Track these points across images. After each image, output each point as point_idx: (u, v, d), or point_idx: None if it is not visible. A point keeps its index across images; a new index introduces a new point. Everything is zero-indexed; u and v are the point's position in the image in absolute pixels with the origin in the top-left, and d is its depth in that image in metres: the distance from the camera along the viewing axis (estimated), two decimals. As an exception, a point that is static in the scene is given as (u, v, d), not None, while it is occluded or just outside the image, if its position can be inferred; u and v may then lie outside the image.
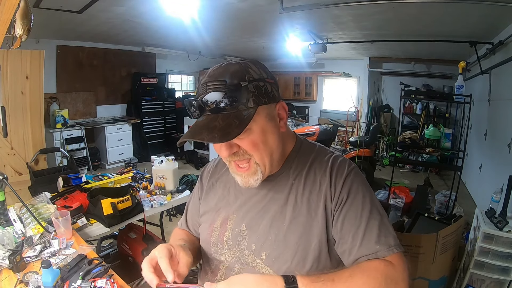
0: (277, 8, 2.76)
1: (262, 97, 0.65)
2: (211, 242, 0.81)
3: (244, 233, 0.76)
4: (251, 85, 0.64)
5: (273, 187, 0.76)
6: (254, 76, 0.65)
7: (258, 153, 0.68)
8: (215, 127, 0.62)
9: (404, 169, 5.47)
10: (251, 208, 0.77)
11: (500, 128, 3.16)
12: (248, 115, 0.63)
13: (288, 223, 0.71)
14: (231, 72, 0.64)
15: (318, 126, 5.00)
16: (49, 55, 4.33)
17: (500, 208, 1.88)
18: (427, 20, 3.12)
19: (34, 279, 0.91)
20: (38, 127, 2.79)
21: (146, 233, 1.81)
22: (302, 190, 0.73)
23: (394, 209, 3.32)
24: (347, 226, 0.68)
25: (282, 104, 0.71)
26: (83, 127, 4.66)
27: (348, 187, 0.70)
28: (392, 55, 5.82)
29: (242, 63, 0.67)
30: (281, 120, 0.72)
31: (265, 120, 0.67)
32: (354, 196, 0.70)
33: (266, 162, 0.70)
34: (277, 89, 0.70)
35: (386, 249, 0.65)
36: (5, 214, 1.22)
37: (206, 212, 0.86)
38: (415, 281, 1.80)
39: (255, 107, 0.64)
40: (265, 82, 0.67)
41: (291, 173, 0.75)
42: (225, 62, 0.68)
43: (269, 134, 0.68)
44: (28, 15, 1.20)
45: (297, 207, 0.72)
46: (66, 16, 3.16)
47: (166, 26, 3.75)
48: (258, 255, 0.73)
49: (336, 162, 0.75)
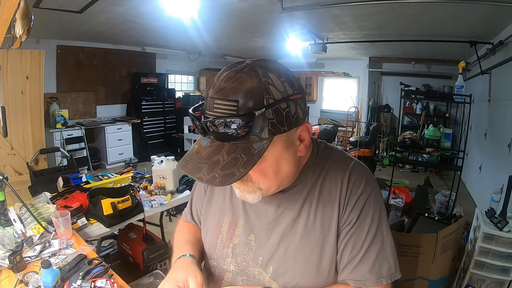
0: (277, 8, 2.76)
1: (282, 124, 0.53)
2: (216, 246, 0.75)
3: (251, 244, 0.71)
4: (270, 110, 0.51)
5: (286, 199, 0.69)
6: (275, 97, 0.52)
7: (266, 182, 0.61)
8: (217, 162, 0.52)
9: (404, 169, 5.47)
10: (261, 218, 0.71)
11: (500, 128, 3.16)
12: (259, 150, 0.53)
13: (299, 238, 0.66)
14: (246, 89, 0.51)
15: (318, 126, 5.01)
16: (49, 55, 4.33)
17: (500, 208, 1.88)
18: (427, 20, 3.12)
19: (34, 279, 0.91)
20: (38, 127, 2.79)
21: (146, 233, 1.81)
22: (316, 203, 0.67)
23: (394, 209, 3.32)
24: (348, 248, 0.66)
25: (306, 126, 0.59)
26: (83, 127, 4.66)
27: (360, 206, 0.65)
28: (392, 55, 5.82)
29: (262, 76, 0.53)
30: (301, 143, 0.61)
31: (281, 149, 0.57)
32: (363, 219, 0.65)
33: (272, 188, 0.63)
34: (303, 106, 0.58)
35: (375, 280, 0.64)
36: (5, 214, 1.22)
37: (211, 209, 0.79)
38: (415, 281, 1.80)
39: (270, 138, 0.53)
40: (288, 102, 0.54)
41: (306, 184, 0.68)
42: (241, 70, 0.54)
43: (283, 162, 0.59)
44: (28, 15, 1.20)
45: (309, 221, 0.66)
46: (66, 16, 3.16)
47: (166, 26, 3.75)
48: (265, 268, 0.69)
49: (355, 172, 0.67)
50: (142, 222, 1.72)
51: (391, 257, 0.67)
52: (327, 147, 0.73)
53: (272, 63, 0.57)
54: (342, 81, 7.03)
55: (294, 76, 0.59)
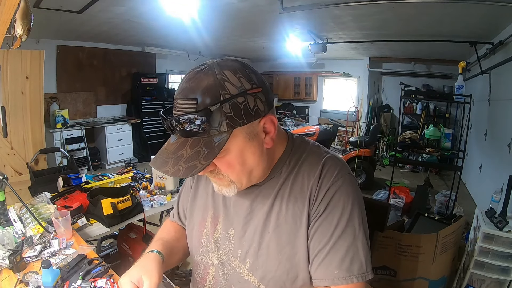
0: (277, 8, 2.76)
1: (240, 117, 0.56)
2: (201, 241, 0.78)
3: (231, 238, 0.73)
4: (226, 104, 0.54)
5: (260, 193, 0.70)
6: (231, 92, 0.55)
7: (234, 173, 0.63)
8: (181, 156, 0.56)
9: (404, 169, 5.47)
10: (239, 213, 0.73)
11: (500, 128, 3.16)
12: (219, 143, 0.56)
13: (271, 231, 0.67)
14: (203, 87, 0.55)
15: (318, 126, 5.00)
16: (49, 55, 4.33)
17: (500, 208, 1.88)
18: (427, 20, 3.12)
19: (34, 279, 0.91)
20: (38, 127, 2.79)
21: (146, 233, 1.80)
22: (287, 196, 0.67)
23: (394, 209, 3.32)
24: (315, 243, 0.64)
25: (269, 117, 0.62)
26: (83, 127, 4.66)
27: (329, 197, 0.64)
28: (392, 55, 5.82)
29: (218, 74, 0.56)
30: (267, 135, 0.63)
31: (243, 141, 0.59)
32: (332, 209, 0.64)
33: (242, 181, 0.65)
34: (264, 99, 0.60)
35: (344, 277, 0.61)
36: (5, 214, 1.21)
37: (196, 206, 0.82)
38: (415, 281, 1.80)
39: (230, 130, 0.56)
40: (246, 96, 0.56)
41: (280, 178, 0.69)
42: (200, 70, 0.58)
43: (248, 154, 0.61)
44: (28, 15, 1.20)
45: (281, 214, 0.67)
46: (66, 16, 3.16)
47: (166, 26, 3.75)
48: (243, 261, 0.70)
49: (327, 165, 0.67)
50: (142, 222, 1.71)
51: (363, 255, 0.63)
52: (303, 141, 0.74)
53: (230, 62, 0.60)
54: (342, 81, 7.02)
55: (254, 71, 0.61)
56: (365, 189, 4.22)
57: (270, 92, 0.63)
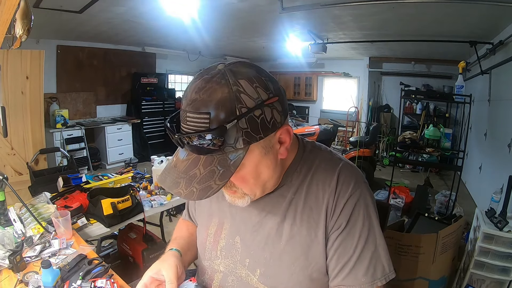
0: (277, 8, 2.76)
1: (257, 132, 0.52)
2: (205, 248, 0.78)
3: (237, 246, 0.72)
4: (243, 119, 0.50)
5: (270, 201, 0.68)
6: (247, 105, 0.50)
7: (248, 187, 0.62)
8: (194, 176, 0.52)
9: (404, 169, 5.47)
10: (246, 221, 0.71)
11: (500, 128, 3.16)
12: (235, 160, 0.52)
13: (285, 242, 0.66)
14: (217, 100, 0.50)
15: (318, 126, 5.00)
16: (49, 55, 4.33)
17: (500, 208, 1.88)
18: (427, 20, 3.12)
19: (34, 279, 0.91)
20: (38, 127, 2.79)
21: (146, 233, 1.80)
22: (302, 206, 0.65)
23: (394, 209, 3.32)
24: (340, 255, 0.64)
25: (286, 128, 0.58)
26: (83, 127, 4.66)
27: (349, 211, 0.63)
28: (392, 55, 5.81)
29: (233, 84, 0.51)
30: (281, 145, 0.60)
31: (259, 156, 0.57)
32: (354, 224, 0.63)
33: (256, 192, 0.64)
34: (281, 109, 0.56)
35: (370, 283, 0.63)
36: (5, 214, 1.21)
37: (201, 212, 0.83)
38: (415, 281, 1.80)
39: (246, 147, 0.53)
40: (263, 108, 0.52)
41: (291, 186, 0.67)
42: (211, 78, 0.52)
43: (263, 168, 0.59)
44: (28, 15, 1.20)
45: (295, 225, 0.65)
46: (66, 16, 3.16)
47: (166, 26, 3.75)
48: (252, 271, 0.69)
49: (343, 175, 0.65)
50: (142, 222, 1.72)
51: (385, 259, 0.65)
52: (314, 147, 0.71)
53: (244, 67, 0.55)
54: (342, 81, 7.02)
55: (270, 78, 0.57)
56: (365, 189, 4.22)
57: (285, 99, 0.59)
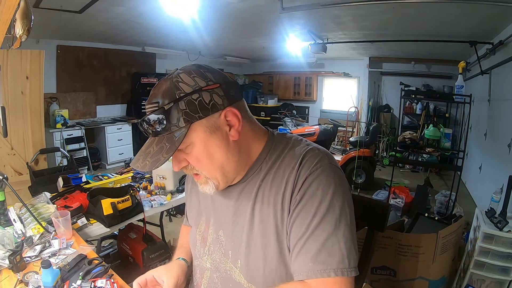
0: (277, 8, 2.76)
1: (195, 112, 0.60)
2: (196, 246, 0.80)
3: (222, 239, 0.73)
4: (182, 102, 0.59)
5: (242, 191, 0.70)
6: (185, 90, 0.60)
7: (205, 169, 0.66)
8: (149, 152, 0.62)
9: (404, 169, 5.47)
10: (226, 213, 0.73)
11: (500, 128, 3.16)
12: (179, 137, 0.60)
13: (256, 228, 0.67)
14: (162, 91, 0.61)
15: (318, 126, 5.00)
16: (49, 55, 4.33)
17: (500, 208, 1.88)
18: (427, 20, 3.12)
19: (34, 279, 0.91)
20: (38, 127, 2.79)
21: (146, 233, 1.80)
22: (268, 192, 0.67)
23: (394, 209, 3.32)
24: (293, 234, 0.62)
25: (230, 110, 0.63)
26: (83, 127, 4.66)
27: (306, 186, 0.62)
28: (392, 55, 5.81)
29: (173, 77, 0.62)
30: (231, 128, 0.64)
31: (205, 135, 0.62)
32: (309, 198, 0.61)
33: (217, 176, 0.67)
34: (223, 94, 0.63)
35: (320, 270, 0.57)
36: (5, 214, 1.21)
37: (192, 212, 0.85)
38: (415, 281, 1.80)
39: (187, 125, 0.60)
40: (200, 93, 0.60)
41: (260, 175, 0.69)
42: (163, 78, 0.64)
43: (213, 148, 0.63)
44: (28, 15, 1.20)
45: (263, 210, 0.66)
46: (66, 16, 3.16)
47: (166, 26, 3.75)
48: (234, 263, 0.70)
49: (307, 156, 0.65)
50: (142, 222, 1.72)
51: (345, 246, 0.59)
52: (284, 137, 0.73)
53: (188, 66, 0.65)
54: (342, 81, 7.02)
55: (211, 71, 0.65)
56: (365, 189, 4.22)
57: (233, 87, 0.66)
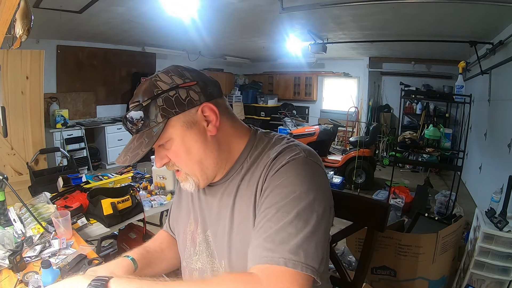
0: (277, 8, 2.76)
1: (171, 107, 0.63)
2: (186, 247, 0.80)
3: (209, 239, 0.74)
4: (159, 99, 0.62)
5: (225, 191, 0.71)
6: (162, 88, 0.63)
7: (183, 164, 0.67)
8: (130, 148, 0.65)
9: (404, 169, 5.47)
10: (210, 213, 0.74)
11: (500, 128, 3.16)
12: (157, 132, 0.63)
13: (236, 229, 0.67)
14: (142, 90, 0.65)
15: (318, 126, 5.00)
16: (49, 55, 4.33)
17: (500, 208, 1.88)
18: (427, 20, 3.12)
19: (34, 279, 0.91)
20: (38, 127, 2.79)
21: (146, 233, 1.80)
22: (245, 190, 0.67)
23: (394, 209, 3.32)
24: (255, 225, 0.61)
25: (206, 105, 0.65)
26: (83, 127, 4.66)
27: (275, 178, 0.61)
28: (392, 55, 5.82)
29: (152, 77, 0.66)
30: (209, 123, 0.66)
31: (182, 129, 0.64)
32: (273, 189, 0.60)
33: (196, 172, 0.68)
34: (199, 90, 0.65)
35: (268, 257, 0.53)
36: (5, 214, 1.21)
37: (180, 212, 0.85)
38: (415, 281, 1.80)
39: (164, 120, 0.63)
40: (177, 90, 0.63)
41: (241, 174, 0.69)
42: (144, 80, 0.68)
43: (191, 142, 0.65)
44: (28, 15, 1.20)
45: (242, 209, 0.66)
46: (66, 16, 3.16)
47: (166, 26, 3.75)
48: (220, 262, 0.71)
49: (284, 152, 0.65)
50: (142, 222, 1.71)
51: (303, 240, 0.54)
52: (266, 135, 0.73)
53: (169, 67, 0.68)
54: (342, 81, 7.03)
55: (189, 70, 0.68)
56: (365, 189, 4.22)
57: (211, 85, 0.68)
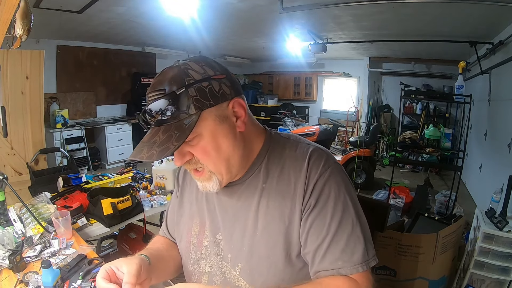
0: (277, 8, 2.76)
1: (206, 99, 0.58)
2: (190, 251, 0.77)
3: (220, 242, 0.72)
4: (192, 88, 0.57)
5: (243, 192, 0.69)
6: (195, 78, 0.58)
7: (211, 162, 0.63)
8: (155, 142, 0.58)
9: (404, 169, 5.47)
10: (224, 215, 0.71)
11: (500, 128, 3.16)
12: (189, 124, 0.57)
13: (260, 232, 0.66)
14: (169, 78, 0.59)
15: (318, 126, 5.01)
16: (49, 55, 4.33)
17: (500, 208, 1.88)
18: (427, 20, 3.12)
19: (34, 279, 0.91)
20: (38, 127, 2.79)
21: (146, 233, 1.80)
22: (274, 194, 0.66)
23: (394, 209, 3.32)
24: (312, 236, 0.62)
25: (237, 100, 0.63)
26: (83, 127, 4.66)
27: (319, 190, 0.63)
28: (392, 55, 5.82)
29: (182, 65, 0.60)
30: (238, 119, 0.64)
31: (214, 124, 0.60)
32: (325, 202, 0.63)
33: (222, 170, 0.64)
34: (230, 85, 0.62)
35: (350, 267, 0.60)
36: (5, 214, 1.21)
37: (182, 216, 0.81)
38: (415, 281, 1.80)
39: (198, 112, 0.58)
40: (210, 81, 0.60)
41: (262, 175, 0.68)
42: (167, 67, 0.61)
43: (221, 138, 0.61)
44: (28, 15, 1.20)
45: (269, 213, 0.65)
46: (66, 16, 3.16)
47: (166, 26, 3.75)
48: (234, 266, 0.69)
49: (313, 157, 0.66)
50: (142, 222, 1.72)
51: (363, 241, 0.63)
52: (282, 136, 0.73)
53: (196, 56, 0.64)
54: (342, 81, 7.03)
55: (217, 62, 0.64)
56: (365, 189, 4.22)
57: (236, 81, 0.65)
